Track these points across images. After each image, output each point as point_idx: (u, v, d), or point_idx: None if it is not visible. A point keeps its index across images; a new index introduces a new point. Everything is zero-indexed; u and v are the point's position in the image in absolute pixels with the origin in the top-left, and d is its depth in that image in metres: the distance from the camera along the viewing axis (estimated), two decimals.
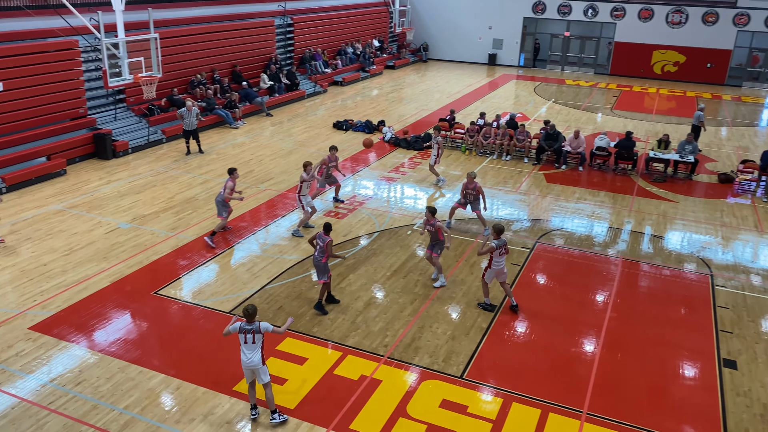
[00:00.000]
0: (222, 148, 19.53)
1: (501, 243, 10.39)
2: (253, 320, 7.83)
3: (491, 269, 10.56)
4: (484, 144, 19.75)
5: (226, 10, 25.28)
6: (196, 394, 8.47)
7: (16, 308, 10.31)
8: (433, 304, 10.96)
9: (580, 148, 18.76)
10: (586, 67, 37.26)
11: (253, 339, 7.79)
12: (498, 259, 10.43)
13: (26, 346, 9.34)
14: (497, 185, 17.16)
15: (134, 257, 12.20)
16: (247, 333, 7.77)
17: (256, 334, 7.78)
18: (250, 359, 7.81)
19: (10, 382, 8.53)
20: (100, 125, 18.68)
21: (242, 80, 24.32)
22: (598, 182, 17.76)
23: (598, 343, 10.05)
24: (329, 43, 31.61)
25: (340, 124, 22.33)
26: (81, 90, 18.24)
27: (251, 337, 7.78)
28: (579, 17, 35.91)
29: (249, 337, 7.77)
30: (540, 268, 12.53)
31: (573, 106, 27.66)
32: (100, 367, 8.93)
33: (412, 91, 29.68)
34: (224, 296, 10.94)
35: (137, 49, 17.32)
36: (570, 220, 15.00)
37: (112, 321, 10.09)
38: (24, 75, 16.49)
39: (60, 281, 11.22)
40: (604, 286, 11.89)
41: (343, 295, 11.11)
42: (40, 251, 12.30)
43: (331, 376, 8.98)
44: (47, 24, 17.21)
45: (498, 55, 38.21)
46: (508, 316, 10.70)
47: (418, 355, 9.51)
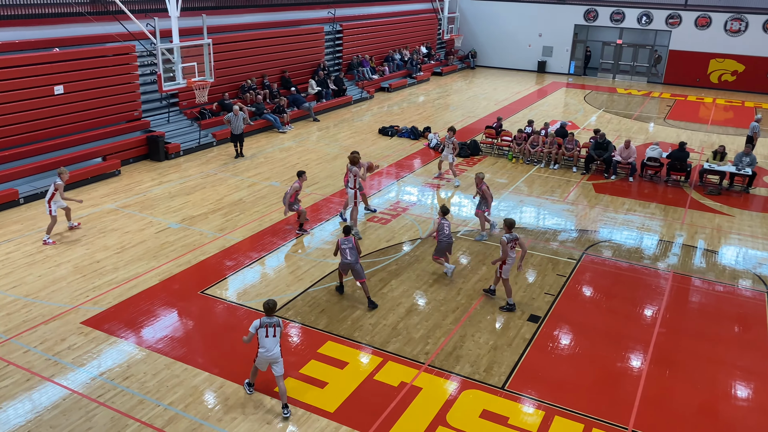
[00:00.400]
0: (269, 152, 19.84)
1: (512, 237, 10.66)
2: (273, 314, 8.18)
3: (507, 265, 10.72)
4: (532, 152, 19.49)
5: (277, 16, 25.73)
6: (239, 394, 8.59)
7: (70, 303, 10.68)
8: (476, 314, 10.85)
9: (631, 158, 18.32)
10: (638, 76, 36.42)
11: (274, 332, 8.13)
12: (511, 253, 10.65)
13: (78, 340, 9.66)
14: (544, 194, 16.90)
15: (183, 257, 12.49)
16: (269, 327, 8.10)
17: (277, 327, 8.14)
18: (273, 352, 8.11)
19: (62, 374, 8.83)
20: (154, 128, 19.24)
21: (291, 86, 24.68)
22: (648, 194, 17.31)
23: (645, 359, 9.76)
24: (377, 50, 31.80)
25: (386, 130, 22.41)
26: (136, 93, 18.82)
27: (272, 331, 8.12)
28: (632, 25, 35.15)
29: (270, 330, 8.11)
30: (586, 280, 12.27)
31: (624, 115, 27.06)
32: (147, 363, 9.16)
33: (458, 98, 29.57)
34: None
35: (191, 55, 17.78)
36: (619, 231, 14.66)
37: (160, 318, 10.35)
38: (83, 78, 17.11)
39: (112, 278, 11.57)
40: (652, 300, 11.55)
41: (384, 301, 11.11)
42: (94, 249, 12.72)
43: (371, 381, 8.98)
44: (106, 29, 17.84)
45: (547, 63, 37.72)
46: (553, 327, 10.51)
47: (459, 364, 9.43)
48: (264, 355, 8.14)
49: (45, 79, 16.14)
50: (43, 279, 11.42)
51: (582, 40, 37.20)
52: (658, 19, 34.38)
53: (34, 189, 15.18)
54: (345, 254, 10.75)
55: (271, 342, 8.11)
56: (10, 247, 12.62)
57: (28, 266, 11.87)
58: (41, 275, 11.55)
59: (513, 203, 16.18)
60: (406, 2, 35.69)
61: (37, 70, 15.97)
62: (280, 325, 8.20)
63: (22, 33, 16.51)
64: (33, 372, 8.84)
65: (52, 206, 12.84)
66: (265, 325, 8.11)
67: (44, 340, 9.58)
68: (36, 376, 8.77)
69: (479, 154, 20.38)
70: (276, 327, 8.14)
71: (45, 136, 16.35)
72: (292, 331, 10.15)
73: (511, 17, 37.79)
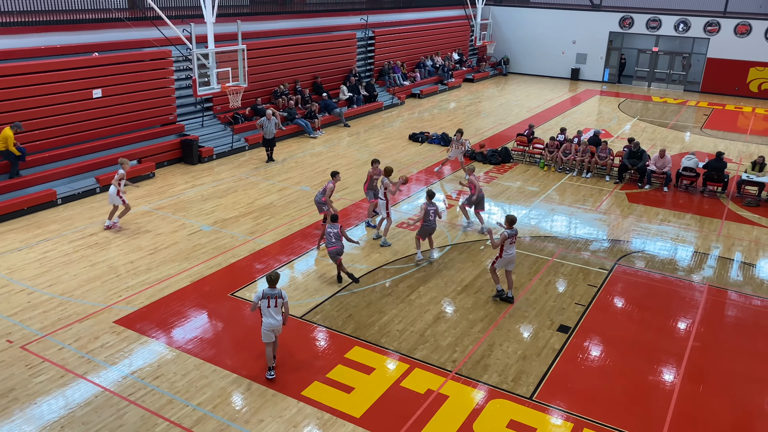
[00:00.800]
0: (300, 156, 20.00)
1: (513, 233, 10.91)
2: (275, 286, 8.62)
3: (502, 258, 11.01)
4: (564, 160, 19.28)
5: (311, 23, 25.97)
6: (266, 396, 8.65)
7: (104, 302, 10.90)
8: (505, 322, 10.75)
9: (666, 167, 17.99)
10: (674, 84, 35.78)
11: (276, 303, 8.62)
12: (509, 248, 10.90)
13: (111, 338, 9.84)
14: (576, 203, 16.69)
15: (214, 259, 12.64)
16: (270, 298, 8.58)
17: (279, 299, 8.60)
18: (274, 321, 8.62)
19: (95, 372, 9.00)
20: (188, 132, 19.57)
21: (322, 91, 24.86)
22: (684, 204, 16.96)
23: (678, 373, 9.55)
24: (409, 56, 31.85)
25: (416, 136, 22.40)
26: (172, 98, 19.17)
27: (274, 302, 8.60)
28: (669, 32, 34.58)
29: (272, 301, 8.59)
30: (618, 291, 12.06)
31: (659, 124, 26.60)
32: (177, 363, 9.28)
33: (490, 105, 29.42)
34: (296, 301, 11.15)
35: (225, 60, 18.05)
36: (652, 242, 14.38)
37: (190, 319, 10.49)
38: (120, 83, 17.49)
39: (144, 279, 11.77)
40: (686, 314, 11.30)
41: (412, 308, 11.09)
42: (128, 249, 12.96)
43: (397, 387, 8.96)
44: (144, 35, 18.22)
45: (581, 70, 37.32)
46: (583, 338, 10.35)
47: (487, 373, 9.35)
48: (267, 324, 8.60)
49: (84, 83, 16.56)
50: (79, 278, 11.68)
51: (617, 48, 36.70)
52: (696, 26, 33.75)
53: (72, 190, 15.56)
54: (329, 237, 11.45)
55: (275, 312, 8.56)
56: (48, 246, 12.94)
57: (64, 265, 12.15)
58: (77, 274, 11.82)
59: (544, 211, 16.01)
60: (438, 9, 35.71)
61: (77, 74, 16.40)
62: (282, 296, 8.55)
63: (64, 38, 16.97)
64: (67, 369, 9.04)
65: (122, 196, 13.69)
66: (267, 296, 8.55)
67: (78, 338, 9.79)
68: (70, 373, 8.96)
69: (510, 161, 20.24)
70: (278, 298, 8.55)
71: (82, 138, 16.75)
72: (320, 336, 10.18)
73: (545, 24, 37.51)
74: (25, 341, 9.65)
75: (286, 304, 8.78)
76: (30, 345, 9.56)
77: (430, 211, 12.39)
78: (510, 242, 10.90)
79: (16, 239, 13.23)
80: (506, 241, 10.84)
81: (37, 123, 15.63)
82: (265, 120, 18.89)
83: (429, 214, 12.38)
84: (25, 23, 16.24)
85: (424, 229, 12.59)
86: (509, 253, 10.97)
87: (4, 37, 15.68)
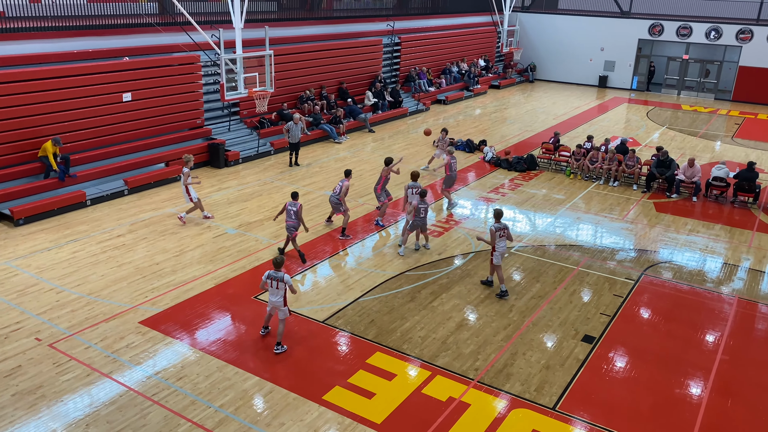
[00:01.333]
0: (325, 161, 20.09)
1: (500, 226, 11.57)
2: (280, 269, 9.56)
3: (497, 252, 11.55)
4: (591, 168, 19.08)
5: (337, 29, 26.12)
6: (287, 400, 8.67)
7: (129, 303, 11.05)
8: (528, 331, 10.64)
9: (695, 177, 17.68)
10: (705, 92, 35.21)
11: (277, 285, 9.56)
12: (499, 241, 11.48)
13: (136, 339, 9.97)
14: (602, 212, 16.49)
15: (238, 262, 12.74)
16: (273, 280, 9.56)
17: (280, 282, 9.55)
18: (276, 301, 9.65)
19: (120, 372, 9.12)
20: (215, 135, 19.79)
21: (348, 97, 24.97)
22: (713, 214, 16.65)
23: (705, 387, 9.35)
24: (434, 62, 31.84)
25: None
26: (199, 102, 19.42)
27: (275, 284, 9.56)
28: (700, 40, 34.06)
29: (274, 283, 9.57)
30: (644, 302, 11.87)
31: (689, 132, 26.17)
32: (200, 365, 9.36)
33: (516, 112, 29.26)
34: (318, 305, 11.18)
35: (253, 65, 18.23)
36: (680, 252, 14.14)
37: (214, 321, 10.58)
38: (150, 86, 17.79)
39: (169, 280, 11.91)
40: (715, 326, 11.07)
41: (434, 314, 11.04)
42: (154, 251, 13.13)
43: (419, 394, 8.92)
44: (174, 39, 18.50)
45: (609, 77, 36.92)
46: (608, 349, 10.20)
47: (510, 382, 9.26)
48: (270, 302, 9.73)
49: (115, 86, 16.87)
50: (106, 278, 11.86)
51: (646, 55, 36.25)
52: (728, 34, 33.19)
53: (101, 192, 15.82)
54: (289, 215, 12.66)
55: (275, 293, 9.60)
56: (77, 247, 13.18)
57: (92, 266, 12.35)
58: (104, 275, 12.01)
59: (569, 220, 15.85)
60: (465, 15, 35.66)
61: (108, 77, 16.71)
62: (284, 279, 9.54)
63: (97, 42, 17.31)
64: (93, 368, 9.17)
65: (191, 193, 14.25)
66: (271, 278, 9.59)
67: (104, 338, 9.93)
68: (95, 372, 9.09)
69: (536, 168, 20.08)
70: (279, 281, 9.54)
71: (112, 141, 17.05)
72: (341, 340, 10.19)
73: (572, 31, 37.22)
74: (53, 339, 9.82)
75: (290, 285, 9.62)
76: (58, 343, 9.73)
77: (422, 208, 13.06)
78: (499, 236, 11.48)
79: (46, 239, 13.50)
80: (495, 235, 11.47)
81: (68, 125, 15.95)
82: (291, 124, 19.03)
83: (420, 211, 13.06)
84: (60, 28, 16.61)
85: (414, 224, 13.23)
86: (501, 246, 11.53)
87: (40, 41, 16.06)
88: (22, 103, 14.98)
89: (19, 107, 14.92)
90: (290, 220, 12.75)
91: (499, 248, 11.53)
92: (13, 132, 14.88)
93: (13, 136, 14.89)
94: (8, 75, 14.76)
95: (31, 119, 15.16)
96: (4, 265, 12.19)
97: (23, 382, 8.80)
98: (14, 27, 15.70)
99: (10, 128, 14.83)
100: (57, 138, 15.11)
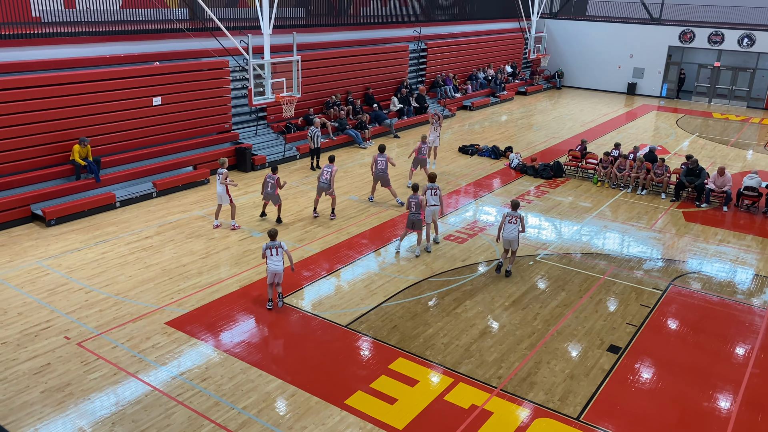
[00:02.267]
0: (350, 166, 20.16)
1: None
2: (275, 239, 10.95)
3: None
4: (618, 176, 18.85)
5: (364, 35, 26.25)
6: (309, 403, 8.70)
7: (156, 303, 11.20)
8: (552, 340, 10.53)
9: (726, 186, 17.36)
10: (737, 100, 34.56)
11: (277, 252, 10.89)
12: (508, 225, 12.41)
13: (162, 339, 10.10)
14: (630, 220, 16.27)
15: (262, 265, 12.83)
16: (272, 248, 10.88)
17: (279, 248, 10.89)
18: (276, 267, 10.88)
19: (145, 371, 9.25)
20: (242, 140, 20.01)
21: (373, 102, 25.05)
22: (744, 225, 16.31)
23: (735, 400, 9.15)
24: (461, 68, 31.79)
25: (466, 148, 22.30)
26: (228, 107, 19.65)
27: (275, 251, 10.89)
28: (732, 47, 33.47)
29: (274, 251, 10.90)
30: (672, 312, 11.67)
31: (720, 141, 25.71)
32: (224, 367, 9.45)
33: (542, 118, 29.05)
34: (341, 309, 11.21)
35: (280, 71, 18.41)
36: (709, 263, 13.88)
37: (238, 324, 10.67)
38: (179, 91, 18.06)
39: (196, 282, 12.05)
40: (745, 339, 10.83)
41: (457, 321, 10.99)
42: (181, 253, 13.30)
43: (441, 401, 8.88)
44: (203, 45, 18.77)
45: (638, 85, 36.47)
46: (634, 359, 10.04)
47: (533, 391, 9.17)
48: (271, 268, 10.87)
49: (145, 90, 17.17)
50: (133, 279, 12.05)
51: (676, 62, 35.73)
52: (761, 41, 32.56)
53: (130, 194, 16.09)
54: (266, 186, 14.42)
55: (276, 260, 10.86)
56: (106, 248, 13.41)
57: (120, 266, 12.56)
58: (132, 275, 12.20)
59: (596, 228, 15.67)
60: (492, 21, 35.56)
61: (139, 82, 17.01)
62: (282, 246, 10.92)
63: (128, 47, 17.64)
64: (119, 367, 9.32)
65: (230, 194, 14.56)
66: (270, 247, 10.87)
67: (131, 338, 10.08)
68: (122, 371, 9.23)
69: (562, 176, 19.90)
70: (278, 248, 10.89)
71: (141, 144, 17.34)
72: (364, 345, 10.20)
73: (601, 37, 36.86)
74: (82, 338, 10.00)
75: (287, 252, 10.96)
76: (86, 342, 9.91)
77: (412, 203, 13.24)
78: (508, 221, 12.39)
79: (76, 240, 13.76)
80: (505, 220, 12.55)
81: (100, 128, 16.27)
82: (314, 128, 19.15)
83: (411, 205, 13.27)
84: (94, 33, 16.97)
85: (409, 220, 13.46)
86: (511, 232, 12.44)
87: (74, 46, 16.43)
88: (56, 106, 15.34)
89: (53, 110, 15.27)
90: (272, 188, 14.50)
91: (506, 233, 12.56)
92: (46, 134, 15.22)
93: (46, 139, 15.24)
94: (44, 79, 15.12)
95: (64, 122, 15.51)
96: (35, 265, 12.47)
97: (52, 379, 8.97)
98: (50, 32, 16.09)
99: (44, 131, 15.18)
100: (83, 138, 15.40)
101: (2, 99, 14.34)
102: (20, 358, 9.43)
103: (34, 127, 14.97)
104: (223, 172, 14.41)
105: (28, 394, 8.65)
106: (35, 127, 15.01)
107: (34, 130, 15.01)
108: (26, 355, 9.52)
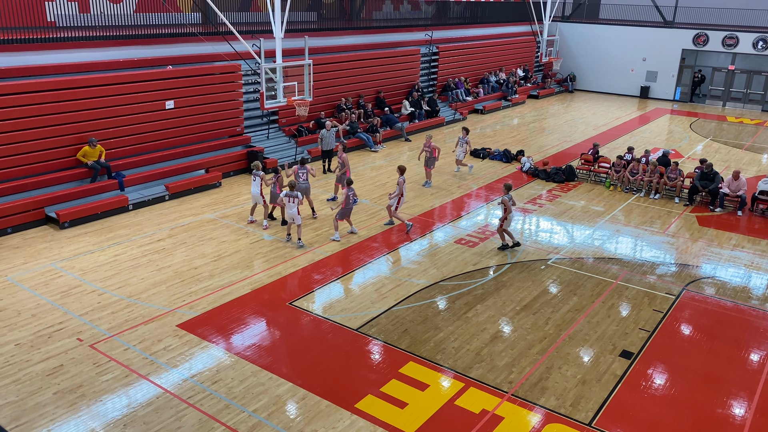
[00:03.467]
0: (361, 170, 20.18)
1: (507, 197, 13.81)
2: (259, 169, 14.06)
3: (507, 219, 13.86)
4: (631, 180, 18.72)
5: (376, 38, 26.29)
6: (320, 407, 8.70)
7: (168, 306, 11.26)
8: (564, 345, 10.47)
9: (740, 190, 17.19)
10: (752, 104, 34.24)
11: (294, 201, 13.43)
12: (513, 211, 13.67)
13: (173, 342, 10.15)
14: (643, 224, 16.15)
15: (274, 268, 12.88)
16: (291, 198, 13.40)
17: (296, 198, 13.40)
18: (292, 211, 13.52)
19: (157, 374, 9.29)
20: (254, 143, 20.09)
21: (385, 106, 25.06)
22: (759, 229, 16.14)
23: (750, 407, 9.04)
24: (472, 72, 31.75)
25: (478, 152, 22.25)
26: (239, 110, 19.75)
27: (294, 200, 13.43)
28: (747, 50, 33.18)
29: (291, 200, 13.43)
30: (686, 318, 11.55)
31: (734, 145, 25.48)
32: (234, 369, 9.47)
33: (554, 122, 28.93)
34: (352, 313, 11.20)
35: (292, 74, 18.47)
36: (724, 268, 13.74)
37: (249, 326, 10.69)
38: (192, 94, 18.18)
39: (207, 285, 12.10)
40: (760, 345, 10.70)
41: (468, 326, 10.95)
42: (193, 255, 13.37)
43: (451, 406, 8.84)
44: (215, 49, 18.88)
45: (651, 88, 36.25)
46: (646, 365, 9.95)
47: (544, 396, 9.11)
48: (287, 213, 13.56)
49: (158, 94, 17.29)
50: (146, 282, 12.12)
51: (689, 66, 35.48)
52: None
53: (143, 197, 16.19)
54: (299, 178, 15.25)
55: (291, 207, 13.48)
56: (118, 250, 13.50)
57: (132, 269, 12.64)
58: (144, 278, 12.27)
59: (609, 232, 15.57)
60: (504, 25, 35.51)
61: (152, 85, 17.14)
62: (299, 196, 13.43)
63: (141, 51, 17.78)
64: (131, 369, 9.36)
65: (264, 196, 15.18)
66: (288, 196, 13.43)
67: (143, 340, 10.13)
68: (134, 373, 9.28)
69: (575, 179, 19.81)
70: (296, 198, 13.41)
71: (154, 147, 17.46)
72: (374, 349, 10.18)
73: (614, 41, 36.69)
74: (94, 340, 10.07)
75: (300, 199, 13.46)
76: (98, 344, 9.97)
77: (350, 195, 14.24)
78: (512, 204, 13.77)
79: (89, 242, 13.87)
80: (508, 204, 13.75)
81: (113, 131, 16.41)
82: (324, 131, 19.19)
83: (349, 198, 14.25)
84: (108, 37, 17.13)
85: (343, 212, 14.36)
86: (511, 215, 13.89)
87: (88, 50, 16.59)
88: (70, 109, 15.48)
89: (66, 113, 15.42)
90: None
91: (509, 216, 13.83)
92: (60, 138, 15.38)
93: (60, 142, 15.39)
94: (58, 83, 15.28)
95: (78, 125, 15.65)
96: (49, 267, 12.58)
97: (65, 381, 9.03)
98: (65, 36, 16.25)
99: (58, 134, 15.33)
100: (92, 139, 15.53)
101: (17, 102, 14.51)
102: (33, 360, 9.51)
103: (48, 130, 15.13)
104: (260, 174, 14.96)
105: (41, 395, 8.72)
106: (49, 131, 15.17)
107: (48, 134, 15.17)
108: (39, 356, 9.60)
